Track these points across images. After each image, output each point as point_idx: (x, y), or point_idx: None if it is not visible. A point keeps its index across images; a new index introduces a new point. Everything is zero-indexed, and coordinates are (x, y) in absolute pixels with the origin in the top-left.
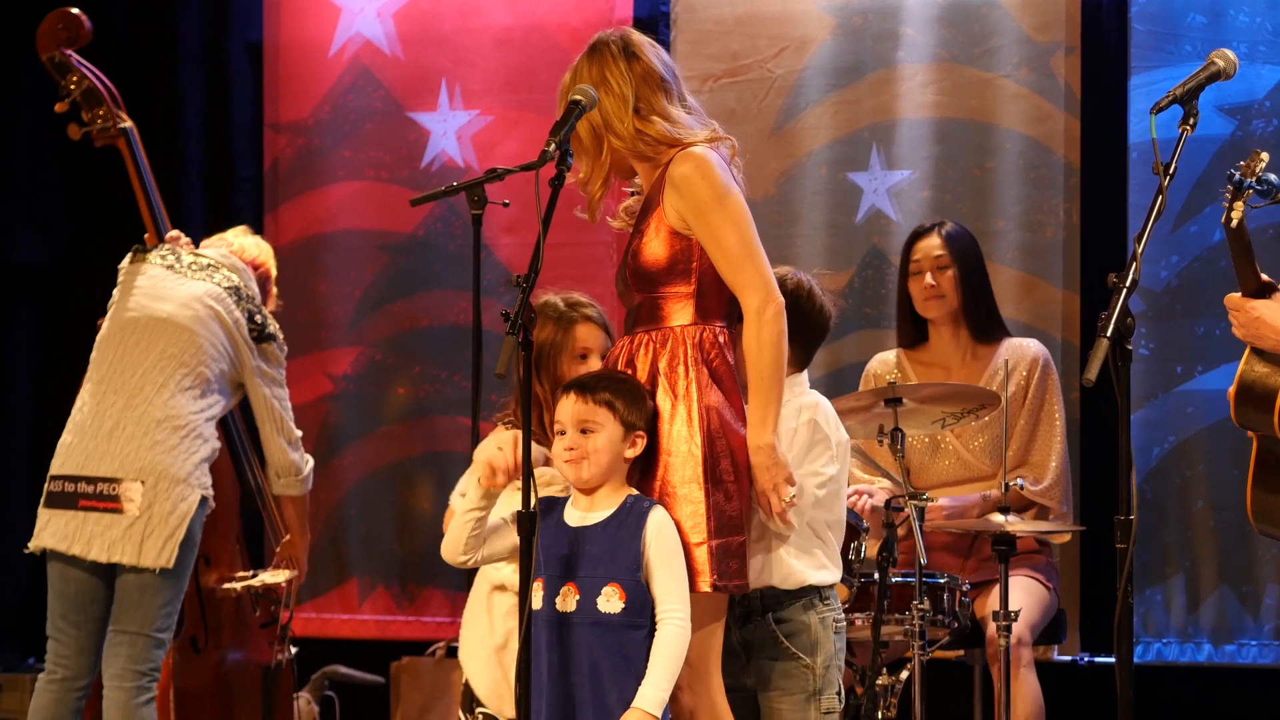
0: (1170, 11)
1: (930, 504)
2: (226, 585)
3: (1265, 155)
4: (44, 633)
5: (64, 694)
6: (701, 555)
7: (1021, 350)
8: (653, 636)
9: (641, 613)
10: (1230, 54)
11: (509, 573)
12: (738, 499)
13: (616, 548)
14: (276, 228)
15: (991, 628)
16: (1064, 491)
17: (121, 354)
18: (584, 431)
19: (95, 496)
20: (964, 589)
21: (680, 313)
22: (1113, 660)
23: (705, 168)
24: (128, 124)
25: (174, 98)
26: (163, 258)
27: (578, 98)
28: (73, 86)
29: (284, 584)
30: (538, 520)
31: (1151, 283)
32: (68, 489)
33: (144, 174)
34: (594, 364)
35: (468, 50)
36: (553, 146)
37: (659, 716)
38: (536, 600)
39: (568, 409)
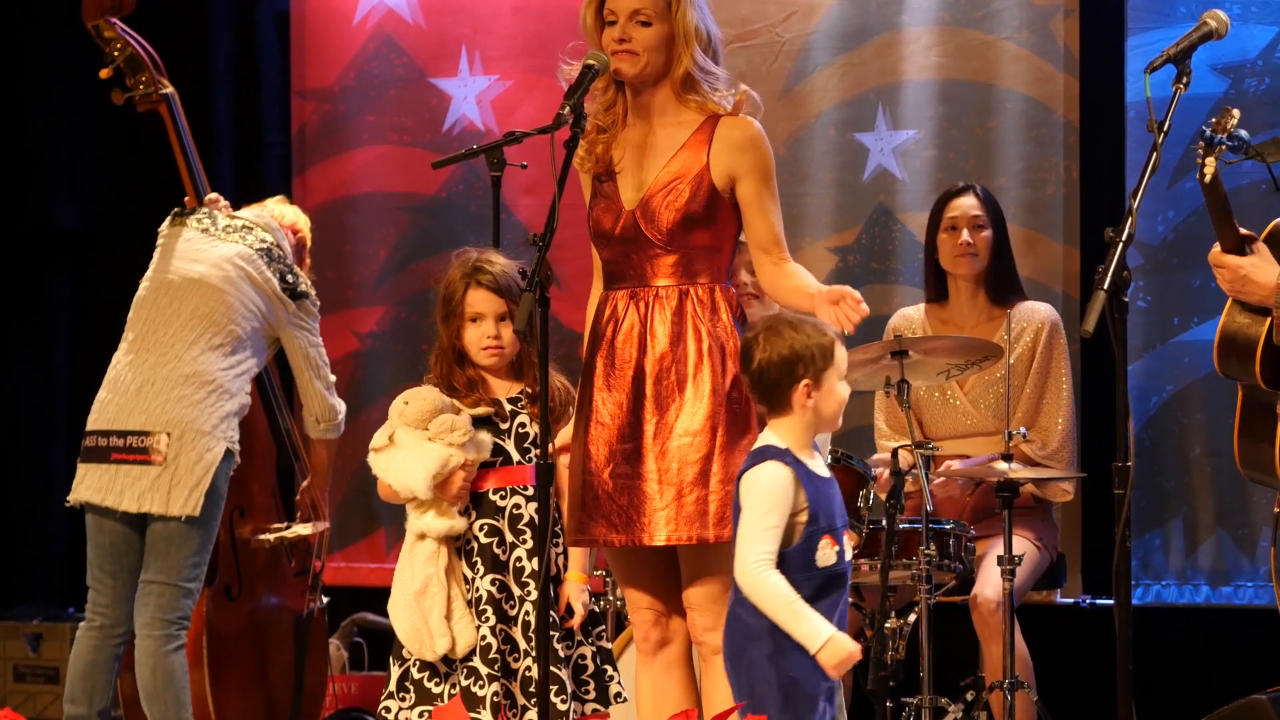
0: None
1: (937, 453)
2: (260, 536)
3: (1236, 112)
4: (84, 584)
5: (102, 641)
6: None
7: (1032, 313)
8: None
9: None
10: (1223, 14)
11: (430, 519)
12: None
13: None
14: (304, 191)
15: (979, 581)
16: (1071, 455)
17: (155, 314)
18: None
19: (126, 449)
20: (970, 535)
21: (709, 270)
22: (1113, 602)
23: (765, 138)
24: (169, 90)
25: (205, 66)
26: (198, 221)
27: (591, 62)
28: (116, 53)
29: (315, 534)
30: (555, 472)
31: (1148, 237)
32: (101, 443)
33: (184, 139)
34: (486, 327)
35: (487, 17)
36: (567, 109)
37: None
38: (832, 555)
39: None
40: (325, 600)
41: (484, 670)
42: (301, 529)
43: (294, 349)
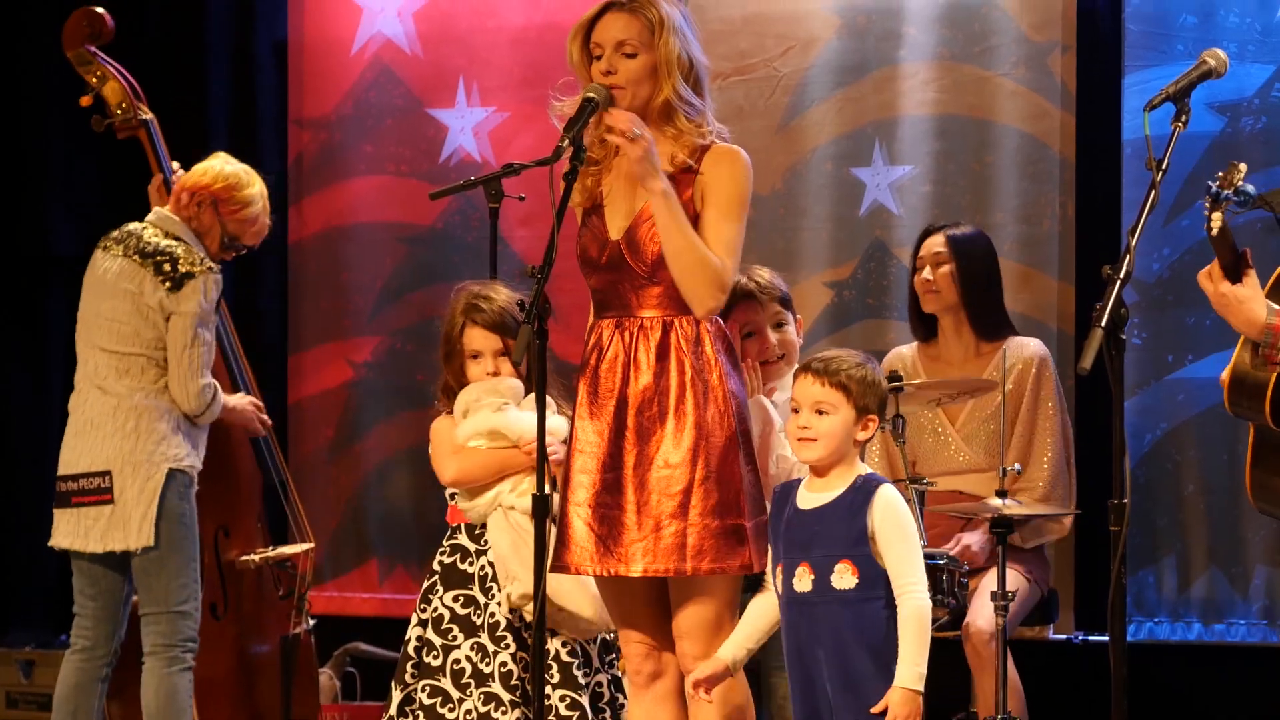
0: (1163, 12)
1: (931, 489)
2: (245, 558)
3: (1243, 166)
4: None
5: (86, 664)
6: (744, 535)
7: (1021, 348)
8: (887, 609)
9: (875, 586)
10: (1221, 53)
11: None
12: (758, 480)
13: (845, 526)
14: (300, 220)
15: (971, 610)
16: (1065, 490)
17: (79, 350)
18: (819, 413)
19: (80, 492)
20: (963, 570)
21: None
22: (1106, 639)
23: (745, 168)
24: (148, 116)
25: (202, 94)
26: (106, 247)
27: (591, 95)
28: (95, 81)
29: (300, 555)
30: (550, 504)
31: (1144, 274)
32: (63, 489)
33: (164, 165)
34: (486, 364)
35: (484, 49)
36: (566, 142)
37: (921, 691)
38: (779, 583)
39: (804, 389)
40: (312, 623)
41: (505, 696)
42: (287, 550)
43: (170, 340)
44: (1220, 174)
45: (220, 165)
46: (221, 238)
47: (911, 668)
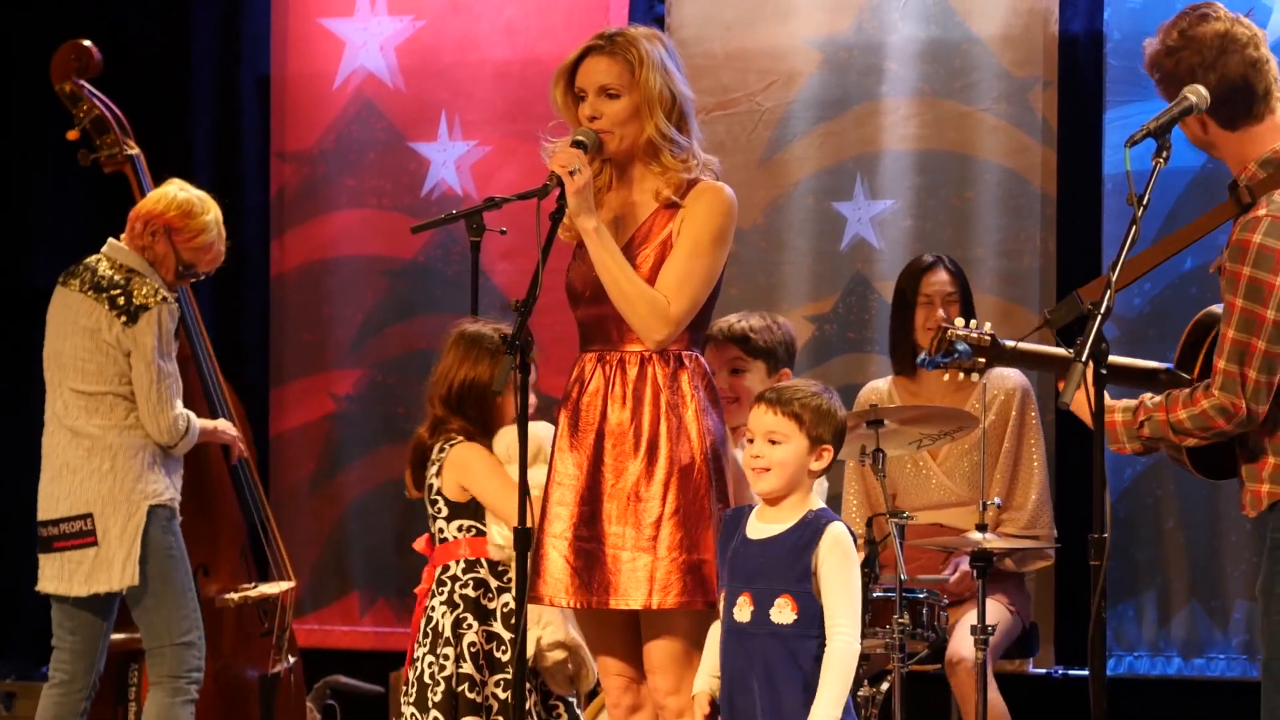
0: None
1: (911, 522)
2: (225, 596)
3: (959, 322)
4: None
5: (64, 698)
6: (709, 571)
7: (1002, 380)
8: (820, 648)
9: (813, 624)
10: (1202, 89)
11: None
12: None
13: (790, 560)
14: (282, 253)
15: (954, 641)
16: (1050, 519)
17: (47, 389)
18: (771, 442)
19: (61, 536)
20: (943, 604)
21: (677, 338)
22: (1086, 673)
23: (726, 204)
24: (134, 151)
25: (186, 127)
26: (64, 282)
27: (580, 138)
28: (83, 115)
29: (281, 594)
30: (532, 538)
31: (1124, 309)
32: (42, 534)
33: None
34: (510, 398)
35: (466, 83)
36: (553, 181)
37: None
38: (720, 609)
39: (758, 419)
40: (291, 661)
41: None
42: (267, 589)
43: (134, 378)
44: (932, 342)
45: (174, 192)
46: (176, 266)
47: (827, 706)
